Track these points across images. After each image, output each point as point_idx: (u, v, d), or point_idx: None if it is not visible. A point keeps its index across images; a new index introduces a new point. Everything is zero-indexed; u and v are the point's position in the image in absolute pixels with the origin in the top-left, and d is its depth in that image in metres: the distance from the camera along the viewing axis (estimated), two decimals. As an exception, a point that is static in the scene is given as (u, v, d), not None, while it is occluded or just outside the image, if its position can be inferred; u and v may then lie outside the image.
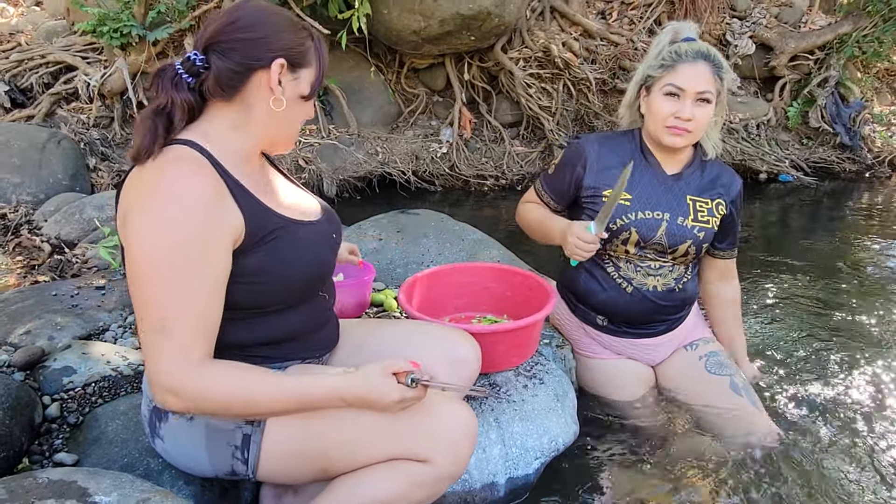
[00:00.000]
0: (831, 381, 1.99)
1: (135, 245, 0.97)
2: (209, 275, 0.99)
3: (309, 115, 1.18)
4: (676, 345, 1.82)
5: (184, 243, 0.96)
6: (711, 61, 1.56)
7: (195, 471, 1.15)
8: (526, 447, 1.44)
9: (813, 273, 3.01)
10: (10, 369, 1.52)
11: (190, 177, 0.98)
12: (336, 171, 4.30)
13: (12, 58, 4.25)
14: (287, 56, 1.06)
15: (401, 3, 4.12)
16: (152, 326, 0.96)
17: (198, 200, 0.97)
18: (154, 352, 0.96)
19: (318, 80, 1.13)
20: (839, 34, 5.08)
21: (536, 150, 4.86)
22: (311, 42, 1.11)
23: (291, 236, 1.10)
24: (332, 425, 1.07)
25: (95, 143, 3.96)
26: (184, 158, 1.01)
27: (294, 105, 1.11)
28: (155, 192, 0.97)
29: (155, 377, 0.97)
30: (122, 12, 3.85)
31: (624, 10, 5.06)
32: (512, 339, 1.55)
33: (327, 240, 1.21)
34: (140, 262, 0.97)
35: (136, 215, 0.98)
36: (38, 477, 1.01)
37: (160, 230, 0.96)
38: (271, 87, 1.06)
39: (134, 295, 0.99)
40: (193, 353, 0.97)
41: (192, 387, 0.97)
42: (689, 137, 1.59)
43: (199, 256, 0.97)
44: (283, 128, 1.13)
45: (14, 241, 2.66)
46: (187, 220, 0.96)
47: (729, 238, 1.77)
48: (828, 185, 4.93)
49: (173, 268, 0.96)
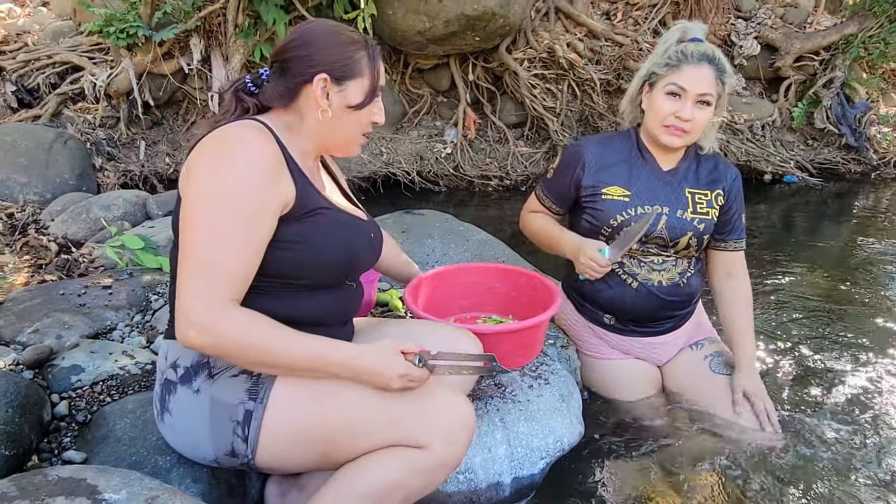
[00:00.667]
0: (837, 381, 1.99)
1: (195, 188, 1.05)
2: (254, 231, 1.05)
3: (373, 122, 1.24)
4: (682, 344, 1.83)
5: (239, 195, 1.03)
6: (715, 64, 1.58)
7: (197, 452, 1.16)
8: (531, 447, 1.44)
9: (818, 274, 3.01)
10: (19, 368, 1.54)
11: (257, 139, 1.08)
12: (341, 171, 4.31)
13: (19, 58, 4.27)
14: (330, 70, 1.15)
15: (406, 4, 4.13)
16: (191, 265, 1.02)
17: (261, 160, 1.06)
18: (189, 288, 1.01)
19: (371, 89, 1.19)
20: (845, 35, 5.07)
21: (541, 151, 4.87)
22: (361, 54, 1.18)
23: (334, 217, 1.19)
24: (334, 407, 1.09)
25: (102, 142, 3.98)
26: (253, 126, 1.11)
27: (342, 115, 1.19)
28: (224, 144, 1.07)
29: (185, 312, 1.00)
30: (129, 13, 3.87)
31: (628, 11, 5.06)
32: (517, 339, 1.56)
33: (366, 235, 1.28)
34: (196, 204, 1.04)
35: (203, 162, 1.07)
36: (48, 474, 1.02)
37: (222, 178, 1.04)
38: (318, 100, 1.15)
39: (182, 235, 1.06)
40: (223, 296, 1.02)
41: (216, 325, 1.00)
42: (685, 138, 1.61)
43: (249, 211, 1.04)
44: (334, 135, 1.21)
45: (21, 240, 2.67)
46: (248, 175, 1.05)
47: (730, 229, 1.73)
48: (833, 186, 4.92)
49: (224, 215, 1.03)
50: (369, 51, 1.19)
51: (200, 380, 1.12)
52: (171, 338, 1.17)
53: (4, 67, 4.22)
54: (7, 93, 4.12)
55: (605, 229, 1.67)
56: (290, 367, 1.07)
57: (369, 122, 1.23)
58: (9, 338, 1.69)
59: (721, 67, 1.59)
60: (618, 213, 1.65)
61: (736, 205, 1.72)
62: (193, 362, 1.14)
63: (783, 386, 1.98)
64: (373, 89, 1.20)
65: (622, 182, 1.67)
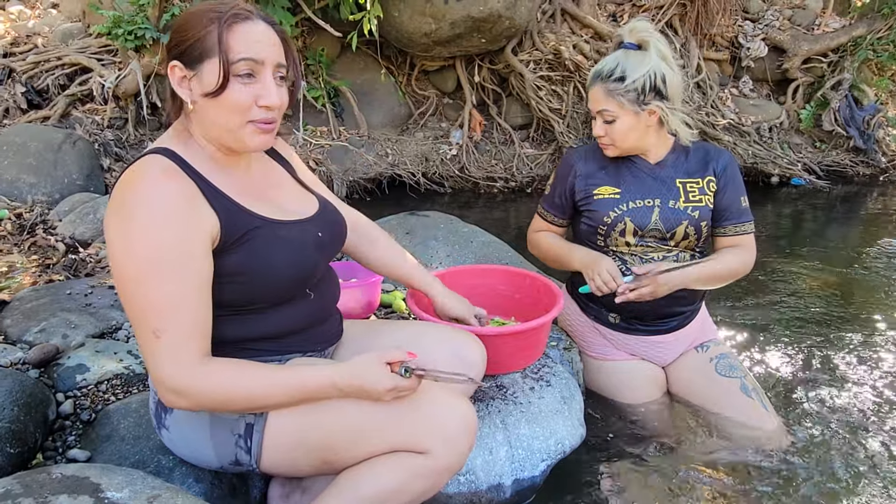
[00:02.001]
0: (843, 384, 1.98)
1: (115, 256, 0.99)
2: (192, 277, 1.00)
3: (260, 105, 1.04)
4: (687, 344, 1.83)
5: (162, 249, 0.97)
6: (605, 79, 1.61)
7: (201, 461, 1.16)
8: (532, 449, 1.44)
9: (825, 277, 2.99)
10: (26, 366, 1.55)
11: (158, 184, 0.99)
12: (346, 173, 4.32)
13: (29, 60, 4.31)
14: (179, 56, 1.03)
15: (412, 6, 4.14)
16: (147, 334, 0.98)
17: (168, 206, 0.98)
18: (152, 357, 0.99)
19: (223, 66, 1.00)
20: (853, 37, 5.04)
21: (546, 153, 4.87)
22: (211, 28, 1.00)
23: (270, 236, 1.10)
24: (333, 417, 1.08)
25: (109, 143, 4.01)
26: (152, 167, 1.01)
27: (206, 104, 1.04)
28: (125, 203, 0.98)
29: (158, 380, 1.00)
30: (137, 15, 3.90)
31: (635, 13, 5.06)
32: (519, 341, 1.56)
33: (311, 238, 1.18)
34: (123, 273, 0.98)
35: (110, 227, 0.99)
36: (52, 472, 1.03)
37: (136, 240, 0.97)
38: (177, 92, 1.05)
39: (124, 304, 1.01)
40: (190, 355, 0.99)
41: (194, 387, 0.99)
42: (613, 149, 1.69)
43: (178, 260, 0.98)
44: (210, 127, 1.07)
45: (30, 240, 2.70)
46: (160, 226, 0.97)
47: (729, 213, 1.70)
48: (841, 188, 4.89)
49: (156, 275, 0.97)
50: (221, 22, 1.00)
51: None
52: None
53: (14, 69, 4.26)
54: (17, 94, 4.16)
55: (601, 227, 1.70)
56: (277, 405, 1.07)
57: (251, 105, 1.03)
58: (15, 337, 1.71)
59: (614, 78, 1.59)
60: (610, 209, 1.69)
61: (730, 188, 1.70)
62: None
63: (791, 388, 1.97)
64: (225, 67, 1.00)
65: (612, 182, 1.72)
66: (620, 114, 1.61)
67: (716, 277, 1.69)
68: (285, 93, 1.09)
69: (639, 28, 1.62)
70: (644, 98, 1.60)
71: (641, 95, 1.59)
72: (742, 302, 2.68)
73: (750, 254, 1.72)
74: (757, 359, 2.18)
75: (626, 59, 1.59)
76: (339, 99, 4.66)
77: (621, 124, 1.62)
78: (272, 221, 1.12)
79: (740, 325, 2.46)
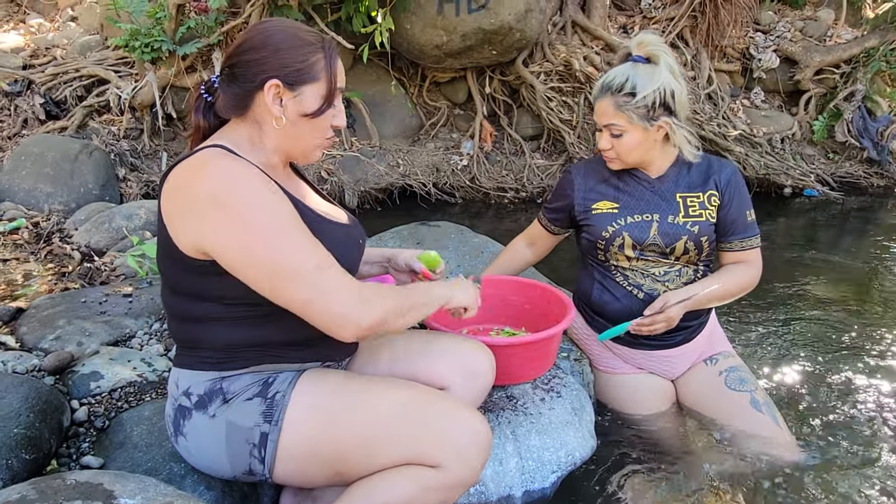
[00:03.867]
0: (855, 399, 1.96)
1: (236, 242, 1.00)
2: (304, 227, 1.05)
3: (334, 126, 1.17)
4: (696, 357, 1.81)
5: (274, 212, 1.01)
6: (615, 93, 1.58)
7: (215, 470, 1.17)
8: (543, 460, 1.44)
9: (838, 290, 2.96)
10: (41, 373, 1.57)
11: (233, 166, 1.03)
12: (358, 183, 4.35)
13: (48, 71, 4.39)
14: (281, 76, 1.08)
15: (423, 18, 4.18)
16: (314, 275, 1.01)
17: (254, 179, 1.03)
18: (327, 290, 1.01)
19: (328, 94, 1.12)
20: (866, 48, 5.02)
21: (557, 164, 4.87)
22: (317, 56, 1.10)
23: (326, 231, 1.14)
24: (346, 429, 1.09)
25: (125, 153, 4.07)
26: (214, 155, 1.06)
27: (298, 122, 1.12)
28: (215, 195, 1.00)
29: (350, 302, 1.02)
30: (154, 28, 3.97)
31: (646, 25, 5.07)
32: (529, 351, 1.56)
33: (356, 243, 1.26)
34: (258, 250, 1.00)
35: (214, 223, 1.00)
36: (67, 478, 1.04)
37: (249, 217, 1.00)
38: (270, 107, 1.10)
39: (269, 281, 1.01)
40: (350, 280, 1.05)
41: (372, 297, 1.05)
42: (618, 163, 1.69)
43: (290, 215, 1.04)
44: (294, 143, 1.15)
45: (46, 248, 2.74)
46: (259, 196, 1.01)
47: (733, 228, 1.68)
48: (854, 200, 4.84)
49: (284, 231, 1.01)
50: (326, 52, 1.11)
51: (216, 405, 1.12)
52: (181, 366, 1.17)
53: (34, 80, 4.35)
54: (36, 105, 4.23)
55: (600, 242, 1.71)
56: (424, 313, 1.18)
57: (329, 126, 1.16)
58: (31, 344, 1.73)
59: (625, 92, 1.57)
60: (608, 224, 1.69)
61: (735, 202, 1.67)
62: (207, 390, 1.13)
63: (804, 402, 1.95)
64: (330, 94, 1.12)
65: (610, 197, 1.72)
66: (629, 128, 1.60)
67: (725, 296, 1.69)
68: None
69: (648, 41, 1.61)
70: (653, 114, 1.58)
71: (651, 111, 1.58)
72: (754, 314, 2.66)
73: (757, 268, 1.70)
74: (769, 372, 2.17)
75: (636, 74, 1.57)
76: (351, 110, 4.70)
77: (629, 139, 1.61)
78: (327, 219, 1.19)
79: (753, 337, 2.44)
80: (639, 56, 1.61)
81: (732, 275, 1.68)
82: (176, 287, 1.13)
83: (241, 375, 1.14)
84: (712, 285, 1.65)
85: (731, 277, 1.68)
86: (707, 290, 1.64)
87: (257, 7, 3.96)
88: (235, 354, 1.13)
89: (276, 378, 1.14)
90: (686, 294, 1.62)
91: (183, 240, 1.05)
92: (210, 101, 1.18)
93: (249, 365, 1.14)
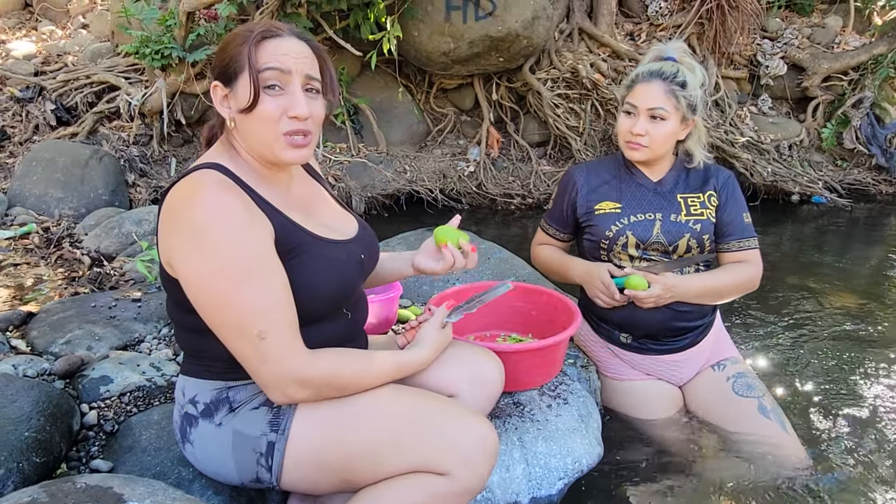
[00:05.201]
0: (862, 406, 1.94)
1: (197, 276, 1.00)
2: (277, 276, 1.03)
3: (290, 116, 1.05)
4: (703, 362, 1.81)
5: (244, 257, 1.00)
6: (667, 79, 1.62)
7: (222, 477, 1.17)
8: (549, 467, 1.44)
9: (846, 297, 2.95)
10: (52, 377, 1.59)
11: (219, 197, 1.01)
12: (365, 189, 4.37)
13: (59, 78, 4.44)
14: (219, 74, 1.08)
15: (431, 26, 4.21)
16: (251, 340, 1.00)
17: (236, 215, 1.01)
18: (266, 359, 1.01)
19: (253, 81, 1.03)
20: (874, 55, 5.01)
21: (563, 170, 4.87)
22: (244, 46, 1.04)
23: (316, 254, 1.12)
24: (353, 437, 1.09)
25: (135, 159, 4.10)
26: (207, 182, 1.03)
27: (242, 119, 1.07)
28: (194, 224, 0.99)
29: (278, 378, 1.02)
30: (164, 35, 4.01)
31: (653, 32, 5.08)
32: (536, 358, 1.56)
33: (354, 260, 1.21)
34: (211, 290, 1.00)
35: (183, 250, 1.00)
36: (77, 482, 1.05)
37: (217, 256, 0.99)
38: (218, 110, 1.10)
39: (214, 320, 1.02)
40: (301, 345, 1.04)
41: (316, 374, 1.04)
42: (645, 152, 1.66)
43: (261, 263, 1.02)
44: (255, 143, 1.10)
45: (56, 253, 2.76)
46: (236, 236, 1.00)
47: (731, 229, 1.70)
48: (863, 207, 4.82)
49: (246, 282, 0.99)
50: (250, 40, 1.04)
51: (222, 414, 1.13)
52: (188, 374, 1.18)
53: (45, 87, 4.39)
54: (47, 111, 4.27)
55: (603, 242, 1.72)
56: (377, 384, 1.14)
57: (279, 118, 1.05)
58: (42, 348, 1.75)
59: (676, 81, 1.62)
60: (611, 223, 1.70)
61: (731, 203, 1.71)
62: (213, 398, 1.14)
63: (812, 408, 1.94)
64: (255, 82, 1.03)
65: (613, 197, 1.74)
66: (673, 115, 1.62)
67: (723, 292, 1.69)
68: (319, 105, 1.11)
69: (680, 48, 1.68)
70: (693, 110, 1.64)
71: (692, 104, 1.63)
72: (762, 320, 2.65)
73: (755, 269, 1.71)
74: (778, 378, 2.16)
75: (683, 70, 1.63)
76: (358, 116, 4.73)
77: (668, 127, 1.63)
78: (320, 239, 1.15)
79: (761, 343, 2.43)
80: (672, 57, 1.66)
81: (730, 272, 1.70)
82: (173, 298, 1.13)
83: (247, 385, 1.14)
84: (709, 279, 1.68)
85: (729, 274, 1.69)
86: (698, 276, 1.67)
87: (266, 14, 3.99)
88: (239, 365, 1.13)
89: None
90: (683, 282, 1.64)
91: (162, 255, 1.07)
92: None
93: None
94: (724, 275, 1.70)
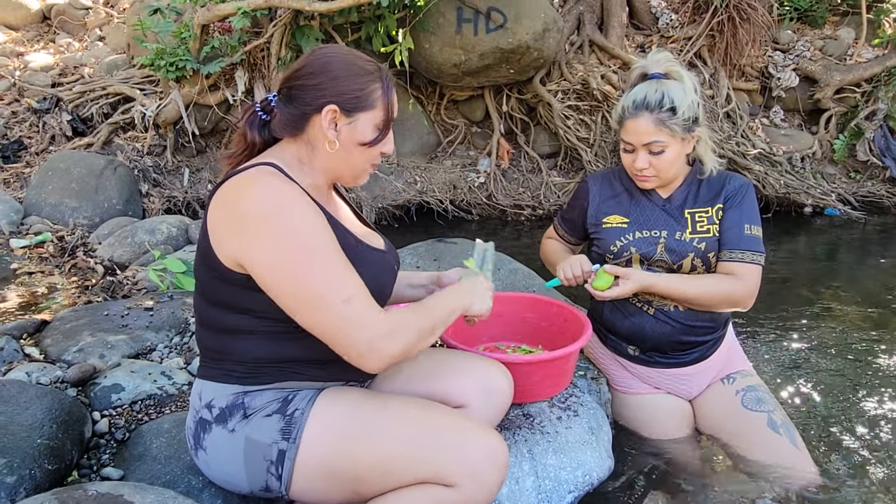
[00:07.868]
0: (875, 420, 1.92)
1: (273, 261, 1.04)
2: (340, 250, 1.08)
3: (382, 152, 1.21)
4: (713, 376, 1.79)
5: (312, 235, 1.04)
6: (653, 110, 1.56)
7: (232, 485, 1.18)
8: (559, 480, 1.43)
9: (859, 310, 2.91)
10: (64, 385, 1.60)
11: (278, 186, 1.07)
12: (375, 199, 4.39)
13: (76, 89, 4.51)
14: (339, 102, 1.12)
15: (442, 38, 4.24)
16: (336, 308, 1.03)
17: (295, 200, 1.06)
18: (354, 322, 1.04)
19: (383, 123, 1.16)
20: (887, 67, 4.98)
21: (574, 181, 4.87)
22: (375, 86, 1.15)
23: (362, 257, 1.16)
24: (364, 447, 1.09)
25: (149, 170, 4.15)
26: (263, 175, 1.09)
27: (352, 148, 1.16)
28: (261, 215, 1.04)
29: (369, 337, 1.04)
30: (179, 47, 4.07)
31: (663, 44, 5.08)
32: (546, 369, 1.55)
33: (390, 269, 1.28)
34: (288, 269, 1.03)
35: (255, 239, 1.04)
36: (88, 489, 1.05)
37: (288, 238, 1.03)
38: (325, 131, 1.14)
39: (297, 298, 1.05)
40: (378, 306, 1.07)
41: (400, 325, 1.07)
42: (655, 181, 1.66)
43: (327, 238, 1.06)
44: (343, 167, 1.19)
45: (70, 261, 2.79)
46: (300, 218, 1.05)
47: (727, 237, 1.61)
48: (877, 219, 4.77)
49: (320, 255, 1.04)
50: (384, 83, 1.16)
51: (235, 420, 1.13)
52: (206, 378, 1.19)
53: (62, 98, 4.47)
54: (63, 122, 4.34)
55: (609, 255, 1.72)
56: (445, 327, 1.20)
57: (379, 153, 1.21)
58: (55, 356, 1.77)
59: (665, 109, 1.55)
60: (617, 238, 1.70)
61: (733, 211, 1.62)
62: (228, 403, 1.15)
63: (824, 423, 1.91)
64: (385, 123, 1.17)
65: (622, 211, 1.73)
66: (671, 143, 1.58)
67: (694, 300, 1.60)
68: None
69: (663, 59, 1.63)
70: (691, 125, 1.60)
71: (688, 122, 1.58)
72: (775, 333, 2.62)
73: (742, 285, 1.57)
74: (790, 392, 2.13)
75: (668, 89, 1.56)
76: (369, 127, 4.76)
77: (670, 154, 1.60)
78: (362, 243, 1.21)
79: (773, 356, 2.40)
80: (657, 73, 1.62)
81: (705, 280, 1.61)
82: (210, 297, 1.15)
83: (263, 391, 1.15)
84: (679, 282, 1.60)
85: (703, 281, 1.60)
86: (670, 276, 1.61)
87: (279, 27, 4.04)
88: (260, 370, 1.15)
89: (296, 395, 1.15)
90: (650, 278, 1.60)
91: (224, 252, 1.09)
92: (264, 119, 1.21)
93: (273, 381, 1.16)
94: (698, 281, 1.60)
